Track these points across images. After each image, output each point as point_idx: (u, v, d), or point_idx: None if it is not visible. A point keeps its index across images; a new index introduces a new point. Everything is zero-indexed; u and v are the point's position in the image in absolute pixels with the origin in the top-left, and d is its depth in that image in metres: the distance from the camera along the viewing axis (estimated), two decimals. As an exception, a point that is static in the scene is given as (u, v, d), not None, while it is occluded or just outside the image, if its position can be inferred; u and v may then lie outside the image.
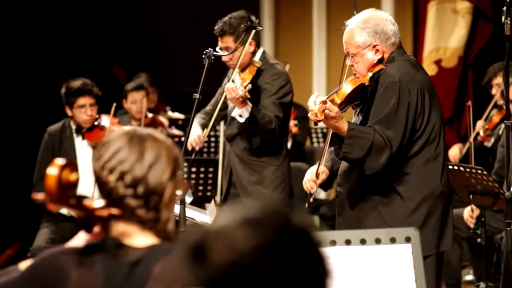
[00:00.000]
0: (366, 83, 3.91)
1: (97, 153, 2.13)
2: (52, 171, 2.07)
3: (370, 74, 3.92)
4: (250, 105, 4.96)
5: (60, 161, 2.09)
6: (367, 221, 3.88)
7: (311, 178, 4.20)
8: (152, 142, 2.12)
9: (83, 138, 5.98)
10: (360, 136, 3.79)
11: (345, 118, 4.20)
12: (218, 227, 1.49)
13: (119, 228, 2.13)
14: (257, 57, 5.24)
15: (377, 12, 4.00)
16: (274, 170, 5.19)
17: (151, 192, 2.09)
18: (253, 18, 5.19)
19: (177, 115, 7.84)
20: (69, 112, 5.96)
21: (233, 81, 5.18)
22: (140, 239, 2.12)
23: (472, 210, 5.68)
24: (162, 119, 7.30)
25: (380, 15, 3.98)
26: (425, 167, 3.88)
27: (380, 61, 3.94)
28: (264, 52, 5.34)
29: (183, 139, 6.34)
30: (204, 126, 5.41)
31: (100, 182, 2.12)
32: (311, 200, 4.28)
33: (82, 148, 5.99)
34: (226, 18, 5.21)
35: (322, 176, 4.21)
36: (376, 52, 3.93)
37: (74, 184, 2.09)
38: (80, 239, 2.18)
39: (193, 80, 6.24)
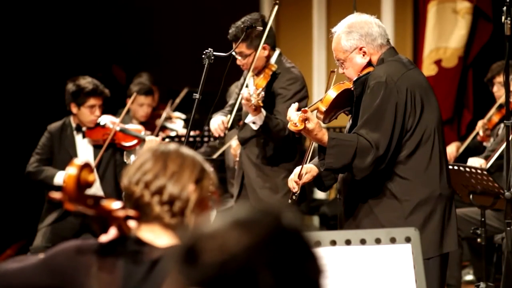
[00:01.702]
0: (352, 88, 3.85)
1: (125, 171, 2.20)
2: (71, 171, 2.08)
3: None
4: (264, 113, 4.90)
5: (79, 161, 2.10)
6: (363, 225, 3.83)
7: (294, 178, 4.10)
8: (175, 154, 2.19)
9: (84, 136, 5.98)
10: (342, 145, 3.73)
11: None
12: (210, 230, 1.51)
13: (142, 227, 2.16)
14: (273, 60, 5.15)
15: (361, 15, 3.97)
16: (286, 175, 5.05)
17: (175, 198, 2.14)
18: (266, 19, 5.10)
19: (177, 114, 7.84)
20: (74, 110, 5.92)
21: (247, 85, 5.15)
22: (163, 239, 2.15)
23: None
24: (158, 121, 7.30)
25: (365, 18, 3.95)
26: (421, 168, 3.81)
27: (370, 64, 3.90)
28: (280, 54, 5.22)
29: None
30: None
31: (128, 194, 2.17)
32: (293, 197, 4.22)
33: (83, 146, 5.99)
34: (238, 23, 5.08)
35: (307, 176, 4.08)
36: (363, 55, 3.88)
37: (91, 185, 2.10)
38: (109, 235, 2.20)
39: (193, 80, 6.24)
